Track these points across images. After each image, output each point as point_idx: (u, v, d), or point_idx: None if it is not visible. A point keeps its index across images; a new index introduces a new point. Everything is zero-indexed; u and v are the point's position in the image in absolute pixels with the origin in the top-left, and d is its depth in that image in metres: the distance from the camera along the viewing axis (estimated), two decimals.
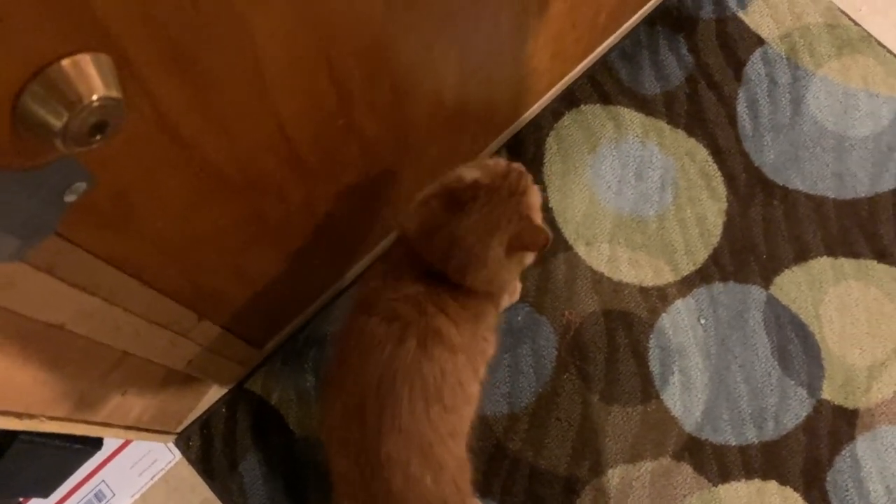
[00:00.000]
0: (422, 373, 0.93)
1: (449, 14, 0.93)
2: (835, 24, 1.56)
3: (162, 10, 0.57)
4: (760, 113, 1.51)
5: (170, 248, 0.86)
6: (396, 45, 0.89)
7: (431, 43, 0.96)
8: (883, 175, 1.47)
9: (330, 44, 0.78)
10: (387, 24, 0.83)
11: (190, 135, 0.71)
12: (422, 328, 0.94)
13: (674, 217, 1.46)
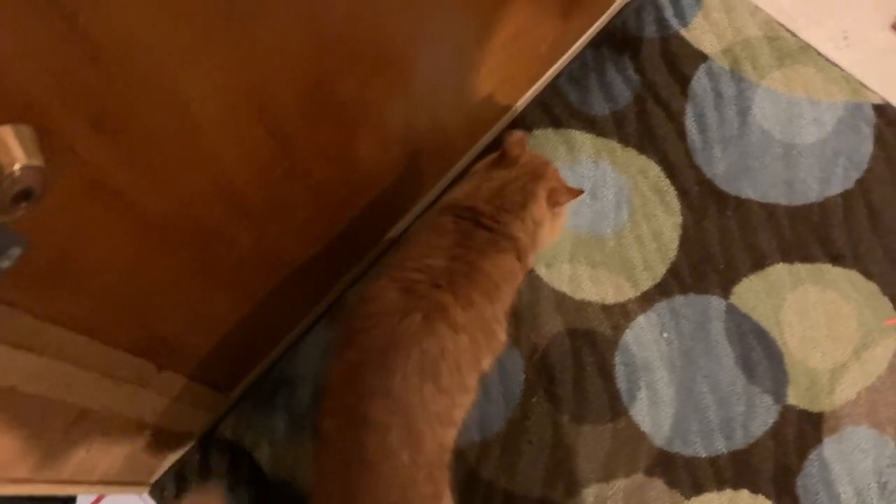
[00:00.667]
0: (422, 347, 0.96)
1: (385, 55, 0.95)
2: (774, 37, 1.60)
3: (81, 78, 0.58)
4: (709, 126, 1.54)
5: (119, 301, 0.87)
6: (334, 87, 0.91)
7: (370, 81, 0.98)
8: (831, 179, 1.50)
9: (262, 93, 0.80)
10: (320, 69, 0.85)
11: (125, 191, 0.72)
12: (429, 302, 0.98)
13: (630, 234, 1.48)
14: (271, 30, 0.73)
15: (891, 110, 1.54)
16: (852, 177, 1.51)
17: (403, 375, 0.95)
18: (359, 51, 0.89)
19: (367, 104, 1.01)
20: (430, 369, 0.97)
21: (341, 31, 0.83)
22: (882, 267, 1.45)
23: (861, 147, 1.52)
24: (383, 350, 0.96)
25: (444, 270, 1.02)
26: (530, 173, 1.12)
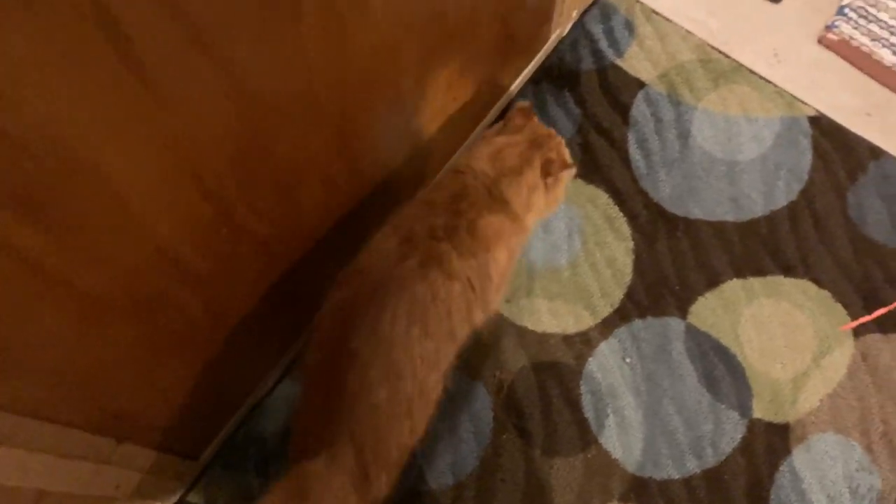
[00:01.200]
0: (414, 291, 1.00)
1: (318, 111, 0.97)
2: (707, 59, 1.64)
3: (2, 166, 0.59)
4: (651, 151, 1.58)
5: (67, 380, 0.86)
6: (269, 147, 0.92)
7: (307, 137, 0.99)
8: (775, 192, 1.54)
9: (193, 161, 0.81)
10: (251, 131, 0.86)
11: (59, 271, 0.73)
12: (426, 251, 1.03)
13: (585, 262, 1.50)
14: (194, 100, 0.75)
15: (825, 121, 1.59)
16: (795, 188, 1.54)
17: (393, 316, 0.99)
18: (290, 110, 0.91)
19: (306, 159, 1.03)
20: (420, 313, 1.00)
21: (268, 93, 0.85)
22: (832, 274, 1.48)
23: (801, 159, 1.56)
24: (375, 290, 1.00)
25: (442, 224, 1.07)
26: (530, 141, 1.19)
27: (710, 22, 1.67)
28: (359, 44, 0.94)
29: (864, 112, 1.59)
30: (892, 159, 1.55)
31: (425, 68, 1.18)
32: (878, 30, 1.64)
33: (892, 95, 1.60)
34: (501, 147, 1.18)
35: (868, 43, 1.63)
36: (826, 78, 1.62)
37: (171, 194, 0.81)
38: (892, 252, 1.49)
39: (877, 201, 1.53)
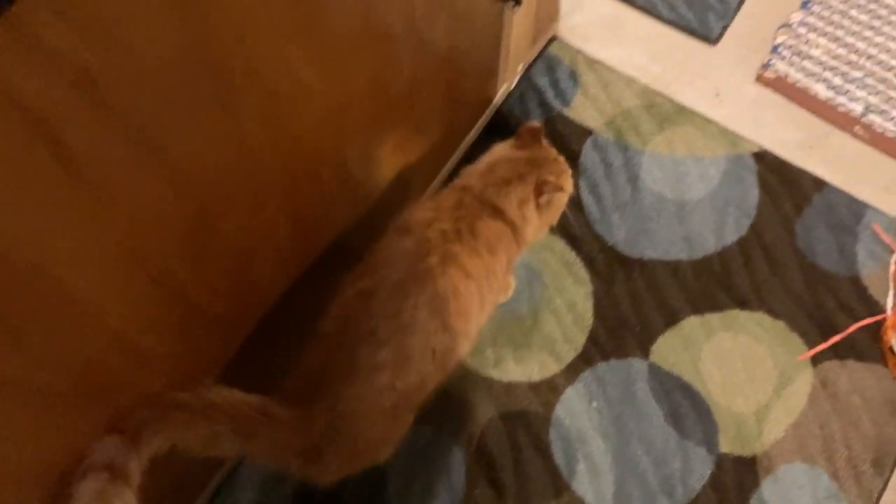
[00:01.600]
0: (436, 285, 1.06)
1: (262, 186, 0.99)
2: (651, 104, 1.69)
3: None
4: (603, 196, 1.62)
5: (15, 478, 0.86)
6: (216, 225, 0.94)
7: (255, 212, 1.01)
8: (725, 229, 1.58)
9: (140, 250, 0.83)
10: (196, 212, 0.88)
11: (11, 374, 0.74)
12: (442, 250, 1.09)
13: (546, 309, 1.53)
14: (134, 191, 0.77)
15: (769, 156, 1.64)
16: (744, 224, 1.59)
17: (416, 304, 1.04)
18: (233, 188, 0.93)
19: (256, 232, 1.04)
20: (441, 307, 1.06)
21: (209, 174, 0.87)
22: (786, 304, 1.51)
23: (748, 194, 1.61)
24: (399, 281, 1.06)
25: (450, 229, 1.13)
26: (529, 160, 1.24)
27: (652, 67, 1.73)
28: (298, 119, 0.97)
29: (806, 145, 1.65)
30: (835, 190, 1.60)
31: (371, 135, 1.21)
32: (810, 66, 1.71)
33: (830, 128, 1.66)
34: (498, 160, 1.25)
35: (803, 79, 1.70)
36: (766, 115, 1.68)
37: (121, 284, 0.83)
38: (841, 279, 1.53)
39: (823, 231, 1.57)
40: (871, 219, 1.58)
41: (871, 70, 1.70)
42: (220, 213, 0.93)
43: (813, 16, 1.76)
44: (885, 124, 1.65)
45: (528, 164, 1.24)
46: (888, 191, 1.60)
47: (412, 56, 1.18)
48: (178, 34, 0.71)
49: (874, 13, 1.75)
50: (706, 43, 1.75)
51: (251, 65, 0.83)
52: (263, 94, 0.88)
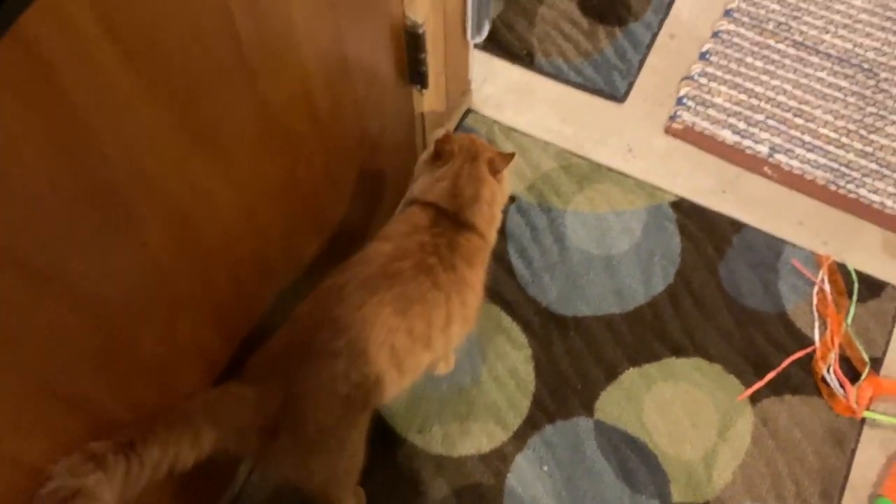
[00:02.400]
0: (404, 287, 1.11)
1: (179, 299, 0.99)
2: (568, 164, 1.74)
3: None
4: (532, 258, 1.65)
5: None
6: (132, 345, 0.93)
7: (174, 326, 1.01)
8: (652, 279, 1.62)
9: (53, 381, 0.81)
10: (107, 337, 0.87)
11: None
12: (419, 259, 1.15)
13: (488, 378, 1.53)
14: (40, 323, 0.76)
15: (686, 204, 1.69)
16: (670, 271, 1.63)
17: (381, 301, 1.09)
18: (147, 306, 0.93)
19: (178, 344, 1.04)
20: (405, 306, 1.11)
21: (119, 297, 0.86)
22: (719, 347, 1.54)
23: (670, 243, 1.65)
24: (371, 277, 1.12)
25: (428, 241, 1.18)
26: (469, 158, 1.29)
27: (565, 129, 1.78)
28: (208, 227, 0.98)
29: (719, 190, 1.71)
30: (753, 229, 1.66)
31: (290, 228, 1.22)
32: (715, 113, 1.78)
33: (740, 171, 1.73)
34: (452, 179, 1.27)
35: (709, 126, 1.77)
36: (679, 164, 1.74)
37: (34, 416, 0.81)
38: (769, 316, 1.57)
39: (746, 271, 1.62)
40: (789, 254, 1.64)
41: (771, 112, 1.78)
42: (133, 333, 0.92)
43: (712, 66, 1.84)
44: (790, 162, 1.72)
45: (472, 163, 1.28)
46: (802, 225, 1.66)
47: (322, 148, 1.20)
48: (66, 168, 0.71)
49: (768, 58, 1.85)
50: (614, 101, 1.82)
51: (151, 185, 0.84)
52: (167, 211, 0.89)
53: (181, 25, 0.78)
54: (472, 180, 1.27)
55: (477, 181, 1.28)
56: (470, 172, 1.28)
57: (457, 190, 1.26)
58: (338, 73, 1.14)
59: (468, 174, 1.28)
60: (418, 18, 1.30)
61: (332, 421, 1.10)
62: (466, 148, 1.30)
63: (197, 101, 0.86)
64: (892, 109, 1.77)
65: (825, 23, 1.89)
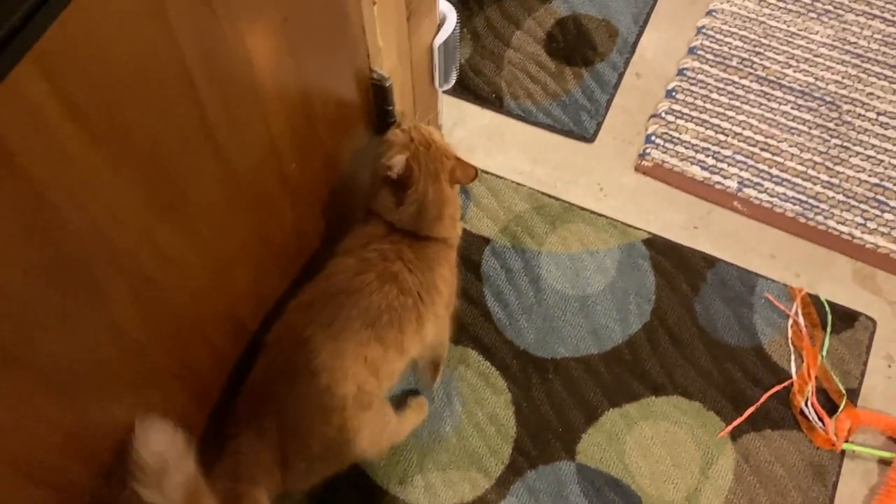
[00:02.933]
0: (370, 299, 1.14)
1: (149, 368, 0.98)
2: (541, 205, 1.75)
3: None
4: (509, 301, 1.65)
5: None
6: (103, 419, 0.92)
7: (146, 396, 0.99)
8: (629, 317, 1.62)
9: (19, 461, 0.80)
10: (78, 415, 0.86)
11: None
12: (382, 269, 1.17)
13: (469, 425, 1.52)
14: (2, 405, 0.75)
15: (659, 241, 1.71)
16: (646, 309, 1.63)
17: (348, 316, 1.12)
18: (117, 379, 0.92)
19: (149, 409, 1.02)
20: (373, 318, 1.14)
21: (86, 371, 0.85)
22: (698, 384, 1.55)
23: (645, 280, 1.66)
24: (335, 294, 1.14)
25: (390, 248, 1.21)
26: (431, 178, 1.27)
27: (536, 171, 1.80)
28: (177, 293, 0.97)
29: (691, 225, 1.72)
30: (726, 264, 1.67)
31: (262, 286, 1.21)
32: (683, 150, 1.80)
33: (711, 206, 1.75)
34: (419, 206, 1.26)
35: (678, 163, 1.79)
36: (650, 201, 1.75)
37: (4, 498, 0.79)
38: (745, 351, 1.58)
39: (721, 306, 1.63)
40: (762, 287, 1.65)
41: (738, 147, 1.80)
42: (104, 406, 0.91)
43: (678, 103, 1.87)
44: (759, 196, 1.74)
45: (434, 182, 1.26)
46: (774, 258, 1.68)
47: (293, 205, 1.20)
48: (29, 247, 0.71)
49: (733, 94, 1.88)
50: (584, 141, 1.83)
51: (117, 258, 0.83)
52: (135, 281, 0.88)
53: (144, 100, 0.78)
54: (435, 203, 1.27)
55: (440, 203, 1.28)
56: (434, 196, 1.27)
57: (421, 214, 1.27)
58: (306, 132, 1.15)
59: (432, 198, 1.26)
60: (385, 71, 1.31)
61: (334, 431, 1.13)
62: (426, 166, 1.26)
63: (162, 173, 0.86)
64: (855, 141, 1.80)
65: (787, 57, 1.93)
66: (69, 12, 0.62)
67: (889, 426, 1.49)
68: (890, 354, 1.58)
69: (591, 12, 2.00)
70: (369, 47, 1.26)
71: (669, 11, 2.02)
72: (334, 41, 1.15)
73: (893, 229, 1.70)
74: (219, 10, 0.84)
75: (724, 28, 1.98)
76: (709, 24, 1.99)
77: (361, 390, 1.14)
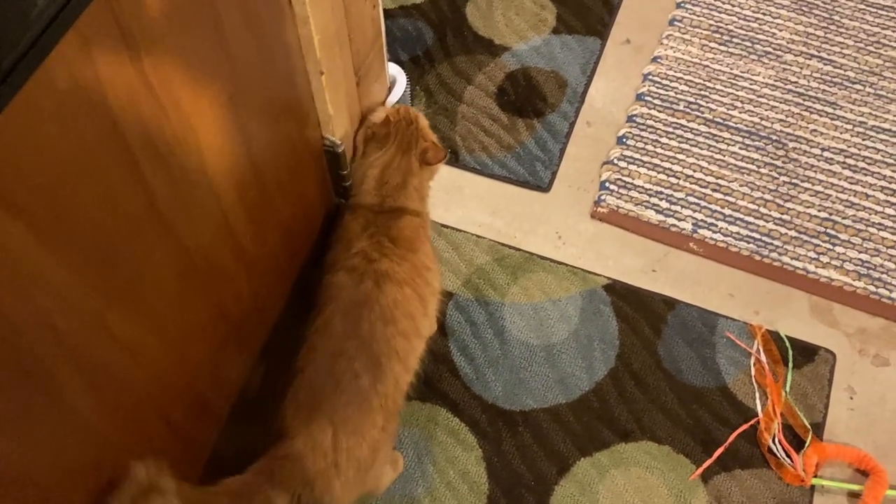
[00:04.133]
0: (379, 303, 1.23)
1: (111, 452, 0.96)
2: (501, 257, 1.77)
3: None
4: (474, 355, 1.65)
5: None
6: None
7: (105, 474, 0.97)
8: (594, 364, 1.63)
9: None
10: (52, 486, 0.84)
11: None
12: (373, 272, 1.25)
13: (441, 484, 1.51)
14: None
15: (619, 285, 1.73)
16: (611, 355, 1.64)
17: (370, 322, 1.21)
18: (75, 467, 0.90)
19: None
20: (390, 317, 1.23)
21: (40, 466, 0.84)
22: (666, 428, 1.55)
23: (608, 326, 1.68)
24: (351, 308, 1.22)
25: (370, 246, 1.28)
26: (401, 148, 1.37)
27: (495, 222, 1.81)
28: (134, 376, 0.96)
29: (650, 269, 1.75)
30: (686, 305, 1.70)
31: (223, 359, 1.20)
32: (637, 195, 1.84)
33: (667, 248, 1.77)
34: (383, 169, 1.37)
35: (633, 208, 1.82)
36: (608, 247, 1.78)
37: None
38: (711, 391, 1.60)
39: (684, 348, 1.65)
40: (723, 327, 1.67)
41: (690, 189, 1.84)
42: (65, 498, 0.88)
43: (630, 149, 1.91)
44: (714, 236, 1.78)
45: (404, 154, 1.37)
46: (733, 297, 1.71)
47: (250, 278, 1.20)
48: None
49: (682, 137, 1.92)
50: (540, 191, 1.86)
51: (68, 347, 0.82)
52: (88, 368, 0.87)
53: (89, 191, 0.78)
54: (400, 170, 1.36)
55: (405, 172, 1.37)
56: (399, 164, 1.37)
57: (384, 179, 1.35)
58: (259, 205, 1.15)
59: (397, 166, 1.36)
60: (337, 138, 1.32)
61: (377, 433, 1.20)
62: (401, 136, 1.38)
63: (111, 258, 0.85)
64: (802, 177, 1.85)
65: (732, 99, 1.98)
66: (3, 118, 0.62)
67: (855, 458, 1.50)
68: (851, 386, 1.60)
69: (539, 65, 2.05)
70: (319, 115, 1.28)
71: (615, 61, 2.07)
72: (283, 113, 1.16)
73: (845, 262, 1.74)
74: (161, 95, 0.85)
75: (670, 73, 2.03)
76: (654, 70, 2.04)
77: (398, 382, 1.24)
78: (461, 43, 2.09)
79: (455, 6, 2.16)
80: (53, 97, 0.69)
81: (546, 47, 2.08)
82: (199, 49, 0.91)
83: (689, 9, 2.15)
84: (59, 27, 0.65)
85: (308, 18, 1.10)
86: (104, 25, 0.73)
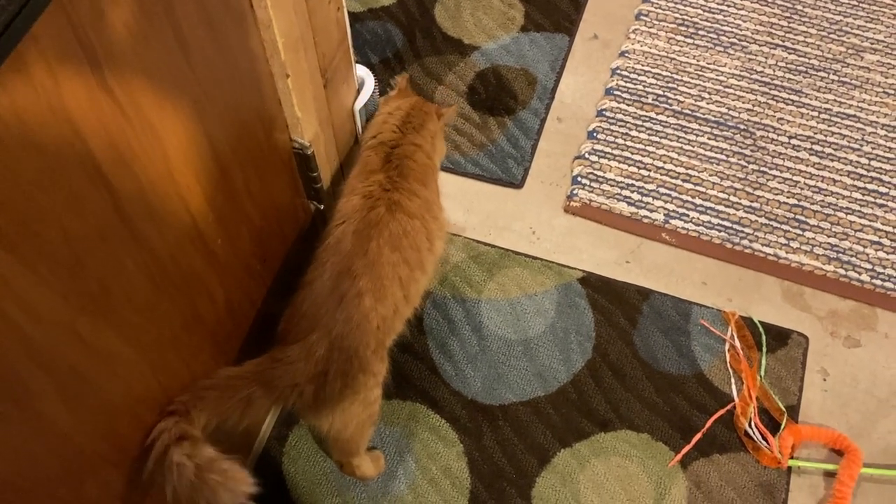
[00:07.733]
0: (389, 228, 1.28)
1: (86, 463, 0.96)
2: (476, 254, 1.78)
3: None
4: (453, 352, 1.66)
5: None
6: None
7: (79, 486, 0.98)
8: (571, 357, 1.65)
9: None
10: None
11: None
12: (387, 199, 1.30)
13: (423, 480, 1.52)
14: None
15: (594, 278, 1.74)
16: (587, 347, 1.66)
17: (378, 244, 1.26)
18: (52, 478, 0.90)
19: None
20: (397, 243, 1.27)
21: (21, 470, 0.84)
22: (644, 416, 1.57)
23: (583, 319, 1.69)
24: (360, 229, 1.27)
25: (385, 179, 1.34)
26: (421, 102, 1.51)
27: (470, 220, 1.83)
28: (111, 386, 0.96)
29: (623, 260, 1.77)
30: (660, 295, 1.72)
31: (198, 367, 1.20)
32: (609, 188, 1.86)
33: (640, 240, 1.80)
34: (405, 111, 1.47)
35: (605, 201, 1.84)
36: (581, 241, 1.80)
37: None
38: (687, 379, 1.62)
39: (659, 337, 1.67)
40: (697, 315, 1.69)
41: (661, 180, 1.86)
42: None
43: (600, 143, 1.93)
44: (686, 226, 1.80)
45: (424, 106, 1.51)
46: (706, 285, 1.73)
47: (222, 280, 1.20)
48: None
49: (651, 130, 1.94)
50: (513, 188, 1.88)
51: (38, 356, 0.82)
52: (59, 375, 0.87)
53: (54, 199, 0.79)
54: (420, 113, 1.47)
55: (426, 116, 1.48)
56: (422, 109, 1.49)
57: (407, 118, 1.45)
58: (229, 207, 1.16)
59: (419, 109, 1.48)
60: (305, 140, 1.33)
61: (370, 355, 1.25)
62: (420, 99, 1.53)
63: (79, 265, 0.85)
64: (770, 165, 1.88)
65: (699, 90, 2.01)
66: None
67: (830, 439, 1.53)
68: (824, 368, 1.63)
69: (509, 63, 2.07)
70: (287, 118, 1.28)
71: (584, 56, 2.09)
72: (249, 117, 1.17)
73: (815, 246, 1.76)
74: (123, 102, 0.85)
75: (638, 67, 2.06)
76: (622, 64, 2.07)
77: (397, 309, 1.28)
78: (431, 44, 2.11)
79: (424, 7, 2.17)
80: (11, 108, 0.69)
81: (515, 45, 2.10)
82: (160, 57, 0.91)
83: (654, 3, 2.18)
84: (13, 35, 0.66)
85: (271, 22, 1.11)
86: (63, 37, 0.74)
